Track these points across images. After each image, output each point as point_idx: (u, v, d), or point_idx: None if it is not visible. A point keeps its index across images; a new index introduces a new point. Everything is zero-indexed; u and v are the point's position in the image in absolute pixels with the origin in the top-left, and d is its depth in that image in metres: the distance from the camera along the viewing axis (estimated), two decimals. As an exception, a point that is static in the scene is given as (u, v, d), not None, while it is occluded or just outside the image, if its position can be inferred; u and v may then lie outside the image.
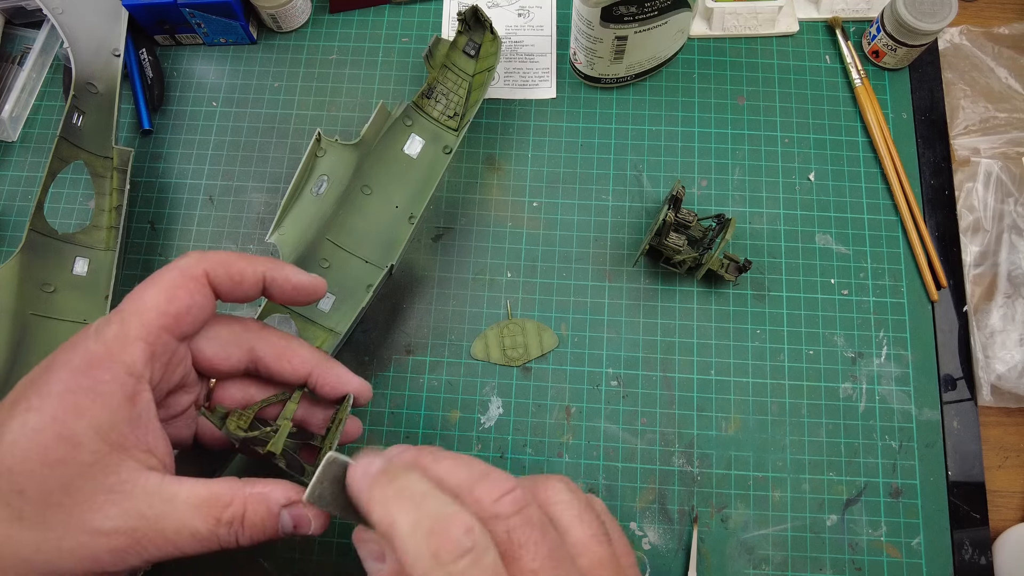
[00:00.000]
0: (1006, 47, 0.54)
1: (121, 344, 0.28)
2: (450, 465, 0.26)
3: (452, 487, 0.25)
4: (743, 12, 0.53)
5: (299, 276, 0.33)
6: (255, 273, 0.32)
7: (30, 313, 0.45)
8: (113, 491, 0.27)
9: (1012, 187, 0.50)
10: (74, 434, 0.26)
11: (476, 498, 0.24)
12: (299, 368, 0.34)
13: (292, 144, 0.53)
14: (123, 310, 0.29)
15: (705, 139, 0.52)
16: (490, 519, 0.24)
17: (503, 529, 0.24)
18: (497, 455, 0.46)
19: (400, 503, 0.24)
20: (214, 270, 0.30)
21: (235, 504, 0.28)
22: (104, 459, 0.27)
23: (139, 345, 0.28)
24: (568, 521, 0.26)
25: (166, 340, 0.29)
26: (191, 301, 0.30)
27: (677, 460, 0.46)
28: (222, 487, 0.28)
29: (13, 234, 0.52)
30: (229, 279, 0.31)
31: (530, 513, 0.25)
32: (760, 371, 0.48)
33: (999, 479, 0.46)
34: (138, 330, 0.28)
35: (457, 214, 0.51)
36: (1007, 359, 0.47)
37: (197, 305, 0.30)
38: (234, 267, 0.31)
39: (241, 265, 0.31)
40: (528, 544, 0.24)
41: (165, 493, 0.27)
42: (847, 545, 0.44)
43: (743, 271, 0.47)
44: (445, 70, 0.51)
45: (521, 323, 0.49)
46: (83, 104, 0.49)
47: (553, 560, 0.24)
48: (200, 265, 0.30)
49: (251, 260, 0.32)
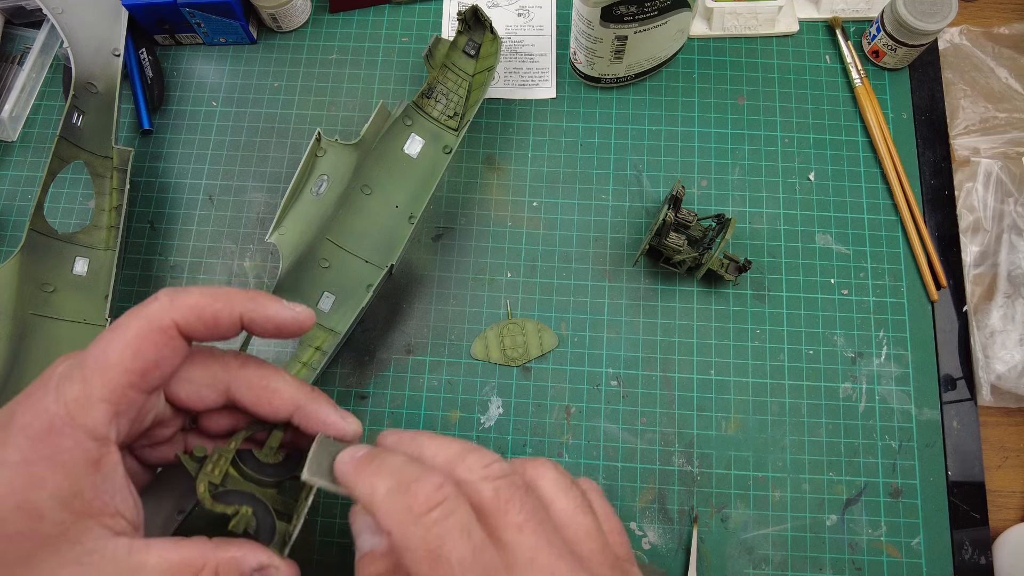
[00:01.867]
0: (1006, 47, 0.54)
1: (83, 407, 0.25)
2: (442, 442, 0.28)
3: (444, 459, 0.27)
4: (743, 12, 0.53)
5: (281, 313, 0.30)
6: (231, 315, 0.29)
7: (30, 313, 0.45)
8: (80, 562, 0.25)
9: (1012, 187, 0.50)
10: (35, 506, 0.24)
11: (467, 465, 0.27)
12: (280, 409, 0.31)
13: (292, 144, 0.53)
14: (85, 365, 0.26)
15: (705, 139, 0.52)
16: (480, 481, 0.26)
17: (491, 488, 0.26)
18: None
19: (379, 474, 0.26)
20: (185, 318, 0.28)
21: (206, 570, 0.27)
22: (68, 529, 0.25)
23: (102, 407, 0.26)
24: (552, 494, 0.28)
25: (132, 397, 0.27)
26: (158, 355, 0.27)
27: (677, 460, 0.46)
28: (193, 551, 0.27)
29: (13, 234, 0.52)
30: (202, 325, 0.28)
31: (516, 479, 0.27)
32: (760, 371, 0.48)
33: (999, 479, 0.46)
34: (101, 390, 0.26)
35: (457, 214, 0.51)
36: (1007, 359, 0.47)
37: (165, 358, 0.28)
38: (207, 312, 0.28)
39: (215, 308, 0.28)
40: (514, 500, 0.26)
41: (134, 562, 0.26)
42: (847, 545, 0.44)
43: (743, 271, 0.47)
44: (445, 70, 0.51)
45: (521, 323, 0.49)
46: (83, 104, 0.49)
47: (537, 516, 0.26)
48: (169, 314, 0.27)
49: (227, 299, 0.29)
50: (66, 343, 0.46)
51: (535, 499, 0.27)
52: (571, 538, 0.27)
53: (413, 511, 0.25)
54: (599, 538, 0.27)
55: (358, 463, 0.28)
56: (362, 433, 0.32)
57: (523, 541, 0.25)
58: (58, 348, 0.45)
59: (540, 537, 0.25)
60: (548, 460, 0.29)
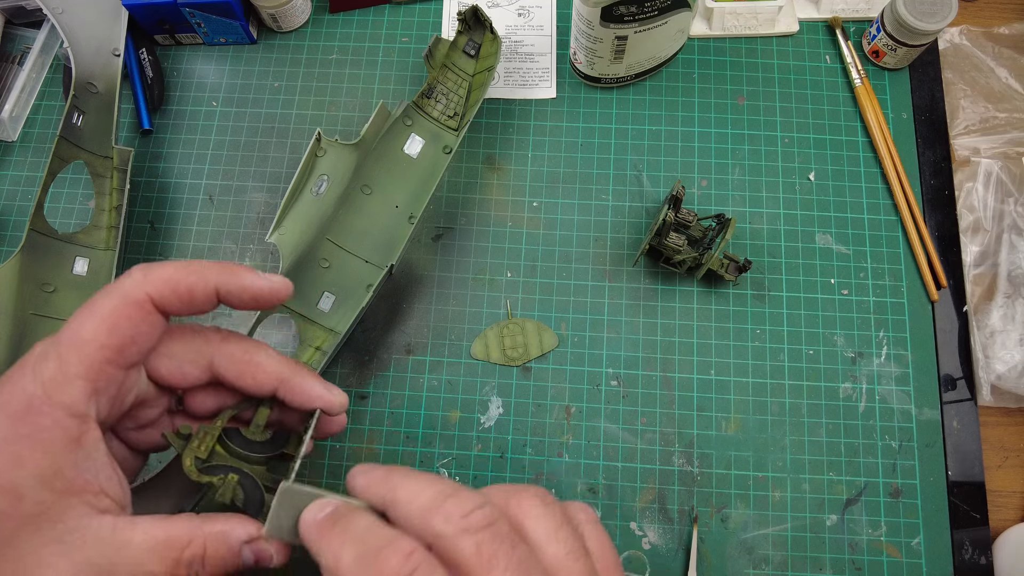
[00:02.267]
0: (1006, 47, 0.54)
1: (60, 384, 0.25)
2: (417, 486, 0.26)
3: (420, 507, 0.25)
4: (743, 12, 0.53)
5: (256, 282, 0.29)
6: (206, 287, 0.28)
7: (30, 313, 0.45)
8: (62, 541, 0.25)
9: (1012, 187, 0.50)
10: (15, 485, 0.24)
11: (446, 514, 0.24)
12: (264, 383, 0.31)
13: (292, 144, 0.53)
14: (60, 343, 0.26)
15: (705, 139, 0.52)
16: (460, 534, 0.23)
17: (472, 543, 0.23)
18: (497, 455, 0.46)
19: (344, 541, 0.25)
20: (159, 292, 0.27)
21: (194, 544, 0.26)
22: (50, 508, 0.25)
23: (79, 384, 0.25)
24: (542, 537, 0.25)
25: (110, 373, 0.26)
26: (134, 330, 0.27)
27: (677, 460, 0.46)
28: (179, 527, 0.27)
29: (13, 234, 0.52)
30: (177, 298, 0.28)
31: (500, 527, 0.24)
32: (760, 371, 0.48)
33: (999, 479, 0.46)
34: (77, 367, 0.25)
35: (457, 214, 0.51)
36: (1007, 359, 0.47)
37: (142, 333, 0.27)
38: (181, 285, 0.28)
39: (190, 281, 0.28)
40: (499, 556, 0.23)
41: (119, 539, 0.25)
42: (847, 545, 0.44)
43: (743, 271, 0.47)
44: (445, 70, 0.51)
45: (521, 323, 0.49)
46: (83, 104, 0.49)
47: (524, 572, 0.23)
48: (142, 288, 0.27)
49: (201, 272, 0.28)
50: (66, 343, 0.46)
51: (522, 550, 0.24)
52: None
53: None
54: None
55: (322, 525, 0.26)
56: (348, 404, 0.32)
57: None
58: (58, 348, 0.45)
59: None
60: (536, 492, 0.26)
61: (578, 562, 0.25)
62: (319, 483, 0.46)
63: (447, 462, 0.46)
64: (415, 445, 0.47)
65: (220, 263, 0.29)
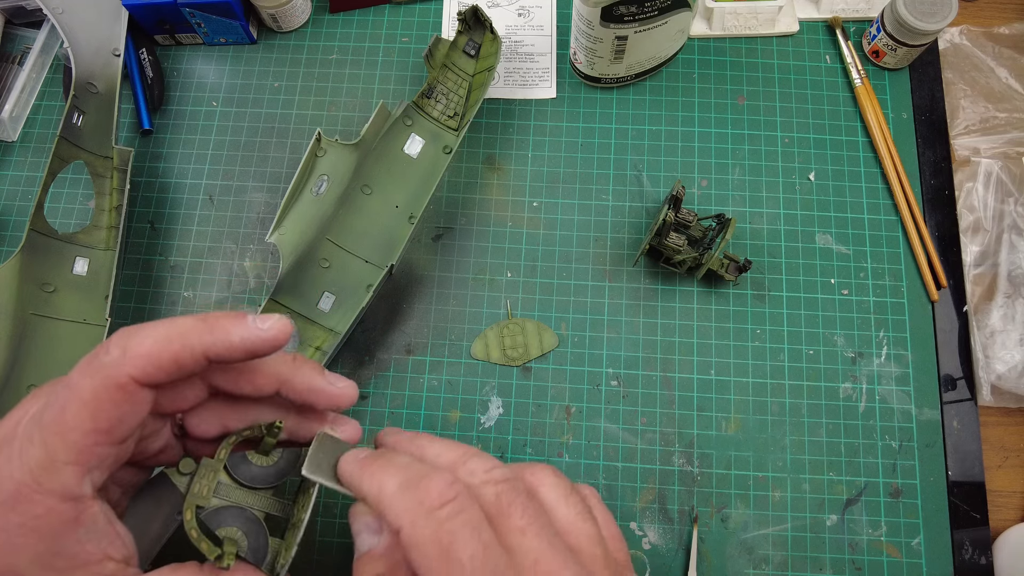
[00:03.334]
0: (1006, 47, 0.54)
1: (48, 472, 0.24)
2: (443, 446, 0.28)
3: (446, 462, 0.27)
4: (743, 12, 0.53)
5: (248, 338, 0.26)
6: (193, 355, 0.26)
7: (30, 313, 0.45)
8: None
9: (1012, 187, 0.50)
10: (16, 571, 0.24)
11: (469, 469, 0.26)
12: (264, 386, 0.29)
13: (292, 144, 0.53)
14: (44, 427, 0.24)
15: (705, 139, 0.52)
16: (482, 484, 0.26)
17: (493, 492, 0.25)
18: (497, 455, 0.46)
19: (387, 471, 0.26)
20: (142, 371, 0.25)
21: None
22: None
23: (69, 470, 0.24)
24: (554, 500, 0.27)
25: (101, 452, 0.25)
26: (119, 413, 0.25)
27: (677, 460, 0.46)
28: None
29: (13, 234, 0.52)
30: (162, 372, 0.25)
31: (517, 484, 0.26)
32: (760, 371, 0.48)
33: (999, 479, 0.46)
34: (65, 454, 0.24)
35: (457, 214, 0.51)
36: (1007, 359, 0.47)
37: (127, 413, 0.25)
38: (164, 358, 0.25)
39: (172, 351, 0.25)
40: (516, 504, 0.25)
41: None
42: (847, 545, 0.44)
43: (743, 271, 0.47)
44: (445, 70, 0.51)
45: (521, 323, 0.49)
46: (83, 104, 0.49)
47: (540, 521, 0.25)
48: (123, 370, 0.25)
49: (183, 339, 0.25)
50: (66, 343, 0.46)
51: (537, 504, 0.26)
52: (573, 544, 0.26)
53: (424, 506, 0.24)
54: (600, 545, 0.27)
55: (363, 462, 0.27)
56: (356, 395, 0.31)
57: (526, 544, 0.25)
58: (58, 348, 0.45)
59: (543, 540, 0.25)
60: (548, 466, 0.29)
61: (587, 523, 0.27)
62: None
63: (447, 462, 0.46)
64: (415, 445, 0.47)
65: (205, 320, 0.26)
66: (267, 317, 0.27)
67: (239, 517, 0.30)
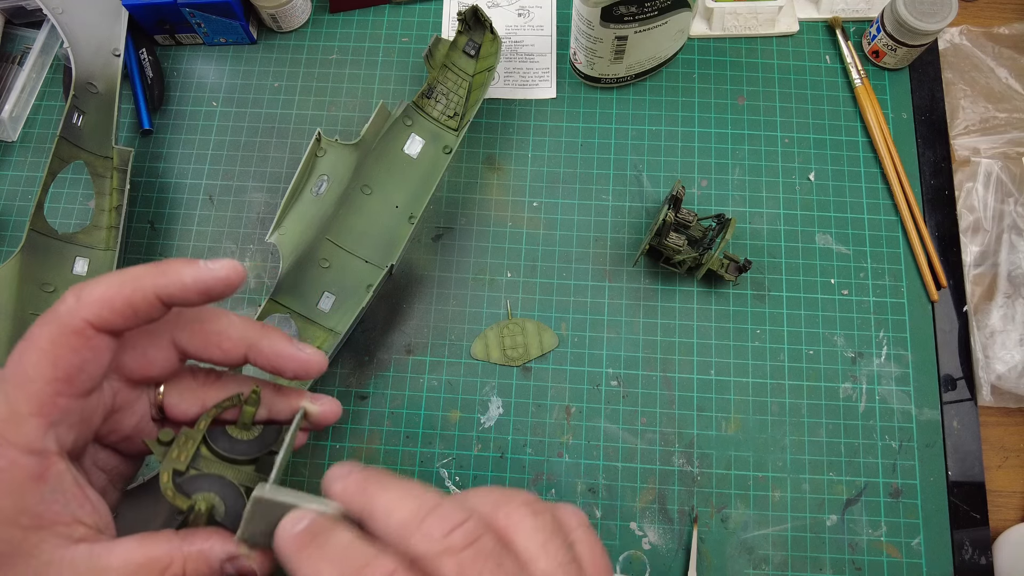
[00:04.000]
0: (1006, 47, 0.54)
1: (11, 424, 0.24)
2: (396, 497, 0.24)
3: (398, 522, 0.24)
4: (743, 12, 0.53)
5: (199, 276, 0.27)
6: (145, 296, 0.26)
7: (30, 313, 0.45)
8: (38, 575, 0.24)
9: (1012, 187, 0.50)
10: None
11: (425, 533, 0.23)
12: (231, 351, 0.29)
13: (292, 144, 0.53)
14: (5, 380, 0.25)
15: (705, 139, 0.52)
16: (440, 555, 0.22)
17: (454, 564, 0.22)
18: (497, 455, 0.46)
19: (322, 559, 0.24)
20: (96, 314, 0.25)
21: (174, 566, 0.26)
22: (20, 545, 0.24)
23: (32, 421, 0.24)
24: (532, 551, 0.24)
25: (63, 404, 0.25)
26: (79, 359, 0.25)
27: (677, 460, 0.46)
28: (159, 547, 0.26)
29: (13, 234, 0.52)
30: (119, 316, 0.25)
31: (484, 545, 0.23)
32: (760, 371, 0.48)
33: (999, 479, 0.46)
34: (26, 405, 0.24)
35: (457, 214, 0.51)
36: (1007, 359, 0.47)
37: (88, 360, 0.25)
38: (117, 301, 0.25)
39: (125, 294, 0.25)
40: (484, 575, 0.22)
41: (96, 566, 0.25)
42: (847, 545, 0.44)
43: (743, 271, 0.47)
44: (445, 70, 0.51)
45: (521, 323, 0.49)
46: (83, 104, 0.49)
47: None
48: (77, 314, 0.25)
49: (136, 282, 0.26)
50: (66, 343, 0.46)
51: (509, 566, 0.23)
52: None
53: None
54: None
55: (299, 540, 0.25)
56: (325, 364, 0.30)
57: None
58: (58, 348, 0.45)
59: None
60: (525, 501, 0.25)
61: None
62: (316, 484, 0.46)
63: (447, 462, 0.46)
64: (415, 445, 0.47)
65: (157, 265, 0.26)
66: (219, 260, 0.27)
67: (217, 484, 0.29)
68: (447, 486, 0.46)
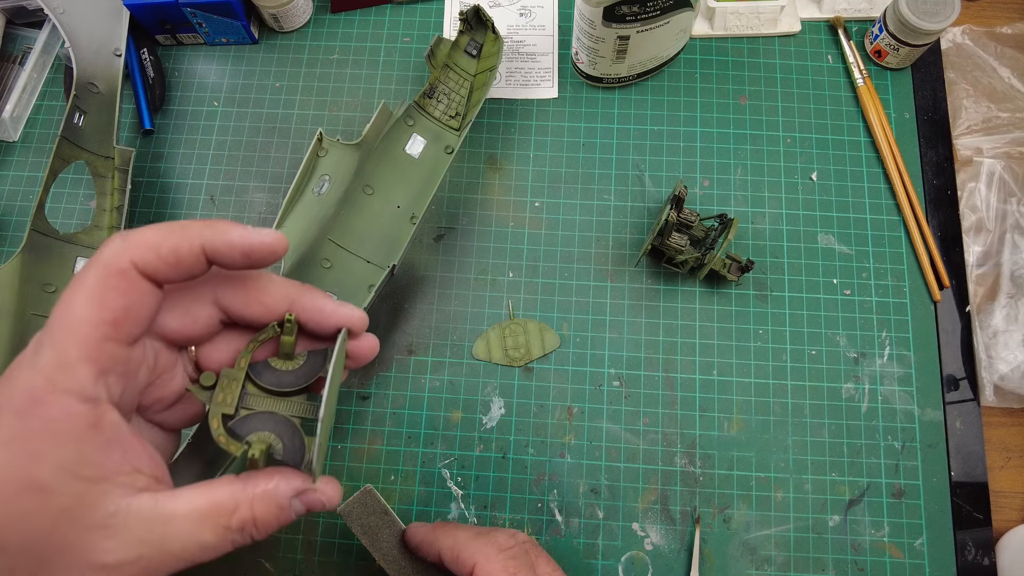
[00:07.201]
0: (1009, 47, 0.53)
1: (62, 370, 0.24)
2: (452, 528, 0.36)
3: None
4: (745, 12, 0.53)
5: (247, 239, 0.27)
6: (191, 248, 0.26)
7: (31, 313, 0.45)
8: (104, 526, 0.24)
9: (1015, 187, 0.50)
10: (39, 481, 0.23)
11: None
12: (273, 306, 0.29)
13: (293, 144, 0.53)
14: (52, 328, 0.24)
15: (707, 139, 0.52)
16: None
17: None
18: (499, 455, 0.46)
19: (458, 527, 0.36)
20: (142, 256, 0.25)
21: (242, 509, 0.26)
22: (84, 498, 0.24)
23: (82, 367, 0.24)
24: None
25: (112, 350, 0.25)
26: (125, 301, 0.25)
27: (679, 460, 0.46)
28: (223, 493, 0.26)
29: (14, 234, 0.52)
30: (162, 262, 0.25)
31: None
32: (762, 371, 0.47)
33: (1002, 479, 0.46)
34: (76, 350, 0.24)
35: (459, 214, 0.51)
36: (1010, 359, 0.46)
37: (135, 303, 0.25)
38: (164, 247, 0.25)
39: (172, 242, 0.25)
40: None
41: (163, 513, 0.25)
42: (850, 546, 0.44)
43: (745, 271, 0.47)
44: (447, 70, 0.51)
45: (523, 323, 0.49)
46: (84, 104, 0.49)
47: None
48: (125, 255, 0.25)
49: (185, 232, 0.26)
50: (67, 343, 0.46)
51: None
52: None
53: None
54: None
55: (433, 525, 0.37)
56: (366, 321, 0.30)
57: None
58: (59, 348, 0.45)
59: None
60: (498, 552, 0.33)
61: None
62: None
63: (449, 463, 0.46)
64: (417, 446, 0.47)
65: (206, 220, 0.27)
66: (265, 229, 0.27)
67: (270, 421, 0.28)
68: (449, 487, 0.46)
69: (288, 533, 0.45)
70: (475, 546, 0.32)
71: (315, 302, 0.29)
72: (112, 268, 0.25)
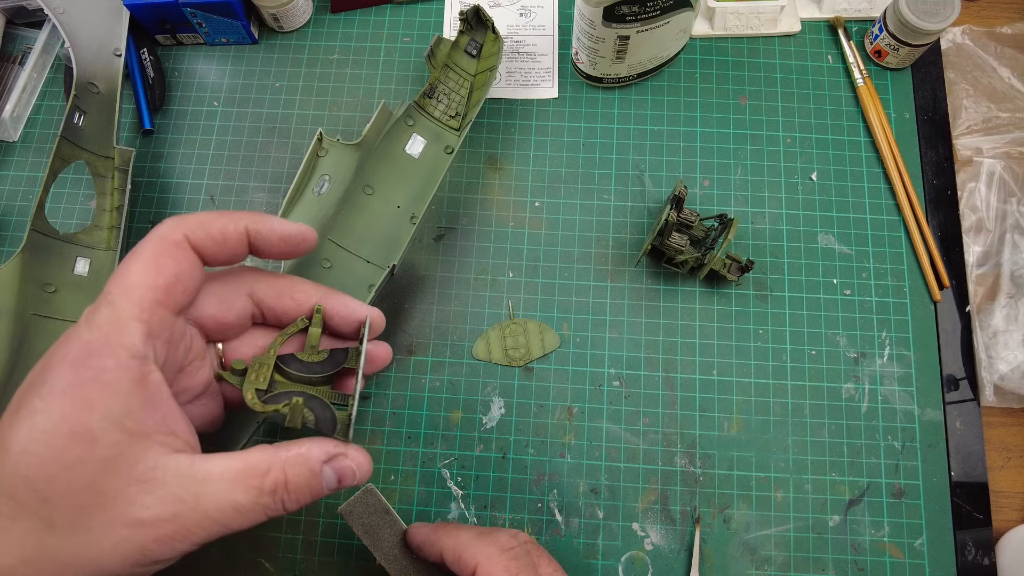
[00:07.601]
0: (1009, 47, 0.54)
1: (116, 327, 0.26)
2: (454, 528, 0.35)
3: None
4: (745, 12, 0.53)
5: (284, 226, 0.31)
6: (237, 229, 0.30)
7: (31, 313, 0.45)
8: (144, 480, 0.25)
9: (1015, 187, 0.50)
10: (88, 429, 0.24)
11: None
12: (303, 303, 0.33)
13: (293, 144, 0.53)
14: (110, 292, 0.27)
15: (707, 139, 0.52)
16: None
17: None
18: (499, 455, 0.46)
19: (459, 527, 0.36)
20: (194, 232, 0.29)
21: (274, 471, 0.27)
22: (126, 450, 0.25)
23: (135, 325, 0.26)
24: None
25: (162, 315, 0.27)
26: (178, 269, 0.28)
27: (679, 460, 0.46)
28: (256, 456, 0.27)
29: (14, 234, 0.52)
30: (211, 240, 0.29)
31: None
32: (762, 371, 0.47)
33: (1002, 479, 0.46)
34: (131, 310, 0.26)
35: (459, 214, 0.51)
36: (1010, 359, 0.46)
37: (185, 273, 0.28)
38: (214, 226, 0.29)
39: (222, 223, 0.29)
40: None
41: (198, 473, 0.26)
42: (850, 546, 0.44)
43: (745, 271, 0.47)
44: (447, 70, 0.51)
45: (523, 323, 0.49)
46: (84, 104, 0.49)
47: None
48: (179, 229, 0.28)
49: (232, 216, 0.30)
50: (67, 343, 0.46)
51: None
52: None
53: None
54: None
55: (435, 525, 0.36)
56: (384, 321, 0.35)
57: None
58: (59, 348, 0.45)
59: None
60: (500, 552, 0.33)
61: None
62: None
63: (449, 463, 0.46)
64: (417, 446, 0.47)
65: (248, 211, 0.31)
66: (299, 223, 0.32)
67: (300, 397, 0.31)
68: (449, 487, 0.46)
69: (288, 533, 0.45)
70: (477, 546, 0.32)
71: (340, 299, 0.34)
72: (168, 240, 0.28)
